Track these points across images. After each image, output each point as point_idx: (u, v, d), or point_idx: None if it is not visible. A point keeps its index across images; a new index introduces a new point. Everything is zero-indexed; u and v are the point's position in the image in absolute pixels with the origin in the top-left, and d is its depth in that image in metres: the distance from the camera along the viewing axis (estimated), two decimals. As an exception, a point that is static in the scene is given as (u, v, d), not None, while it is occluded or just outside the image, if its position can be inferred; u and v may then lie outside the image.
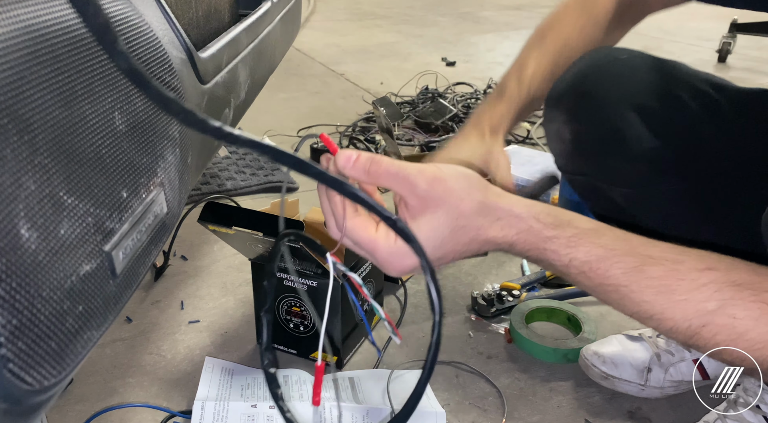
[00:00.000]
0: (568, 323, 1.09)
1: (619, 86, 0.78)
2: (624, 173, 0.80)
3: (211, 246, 1.34)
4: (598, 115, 0.79)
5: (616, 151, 0.78)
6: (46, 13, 0.37)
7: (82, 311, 0.38)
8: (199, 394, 0.87)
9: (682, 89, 0.79)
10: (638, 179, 0.79)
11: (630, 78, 0.79)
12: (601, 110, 0.79)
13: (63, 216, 0.36)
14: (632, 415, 0.90)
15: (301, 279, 0.95)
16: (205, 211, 0.91)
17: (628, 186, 0.81)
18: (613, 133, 0.78)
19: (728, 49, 3.09)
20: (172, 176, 0.53)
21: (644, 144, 0.77)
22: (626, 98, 0.78)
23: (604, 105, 0.78)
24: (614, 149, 0.79)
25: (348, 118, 2.13)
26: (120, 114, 0.43)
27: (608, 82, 0.79)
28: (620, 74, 0.79)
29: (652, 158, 0.77)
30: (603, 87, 0.79)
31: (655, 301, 0.49)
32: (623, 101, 0.78)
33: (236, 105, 0.85)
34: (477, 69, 2.90)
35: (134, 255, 0.46)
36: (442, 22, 4.23)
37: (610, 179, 0.82)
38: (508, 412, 0.90)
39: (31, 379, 0.33)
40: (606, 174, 0.82)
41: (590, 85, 0.79)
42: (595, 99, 0.79)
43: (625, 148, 0.78)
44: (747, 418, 0.78)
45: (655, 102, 0.78)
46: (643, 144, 0.77)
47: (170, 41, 0.57)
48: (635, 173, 0.79)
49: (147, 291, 1.18)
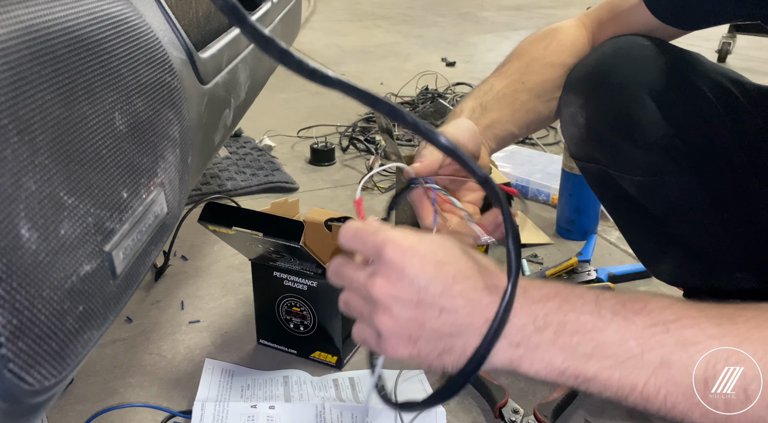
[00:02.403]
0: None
1: (637, 71, 0.77)
2: (637, 160, 0.78)
3: (211, 246, 1.34)
4: (614, 99, 0.77)
5: (630, 136, 0.77)
6: (46, 13, 0.37)
7: (82, 311, 0.38)
8: (199, 395, 0.87)
9: (701, 80, 0.78)
10: (651, 167, 0.78)
11: (650, 64, 0.77)
12: (617, 95, 0.77)
13: (63, 216, 0.36)
14: (632, 415, 0.90)
15: (301, 279, 0.95)
16: (205, 211, 0.91)
17: (640, 174, 0.79)
18: (628, 118, 0.76)
19: (728, 49, 3.09)
20: (172, 176, 0.53)
21: (659, 131, 0.75)
22: (644, 84, 0.76)
23: (621, 89, 0.76)
24: (628, 135, 0.77)
25: (348, 118, 2.13)
26: (120, 114, 0.43)
27: (627, 66, 0.77)
28: (640, 60, 0.78)
29: (666, 146, 0.76)
30: (621, 72, 0.77)
31: None
32: (641, 87, 0.76)
33: (236, 105, 0.85)
34: (477, 69, 2.91)
35: (134, 255, 0.46)
36: (442, 22, 4.23)
37: (623, 166, 0.81)
38: (508, 412, 0.90)
39: (32, 379, 0.33)
40: (618, 161, 0.81)
41: (609, 69, 0.78)
42: (612, 83, 0.77)
43: (639, 134, 0.76)
44: (747, 418, 0.78)
45: (673, 90, 0.76)
46: (657, 131, 0.75)
47: (170, 41, 0.57)
48: (648, 161, 0.78)
49: (147, 291, 1.18)
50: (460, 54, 3.18)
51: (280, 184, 1.65)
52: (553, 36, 0.84)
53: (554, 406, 0.87)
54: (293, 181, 1.68)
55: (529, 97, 0.79)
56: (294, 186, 1.66)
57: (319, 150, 1.83)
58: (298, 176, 1.73)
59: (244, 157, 1.81)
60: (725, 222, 0.79)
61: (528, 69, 0.80)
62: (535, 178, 1.61)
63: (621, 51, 0.79)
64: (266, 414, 0.83)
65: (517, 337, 0.44)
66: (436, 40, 3.62)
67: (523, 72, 0.80)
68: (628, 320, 0.43)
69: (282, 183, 1.66)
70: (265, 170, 1.72)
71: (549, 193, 1.57)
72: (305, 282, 0.95)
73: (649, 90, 0.76)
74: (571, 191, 1.36)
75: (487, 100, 0.77)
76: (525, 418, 0.87)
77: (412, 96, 2.28)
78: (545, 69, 0.81)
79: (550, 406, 0.87)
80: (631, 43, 0.79)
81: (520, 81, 0.79)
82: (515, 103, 0.78)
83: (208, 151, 0.76)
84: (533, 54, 0.82)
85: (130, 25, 0.48)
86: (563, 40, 0.83)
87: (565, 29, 0.85)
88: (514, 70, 0.80)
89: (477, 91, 0.80)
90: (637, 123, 0.76)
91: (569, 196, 1.37)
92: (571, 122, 0.82)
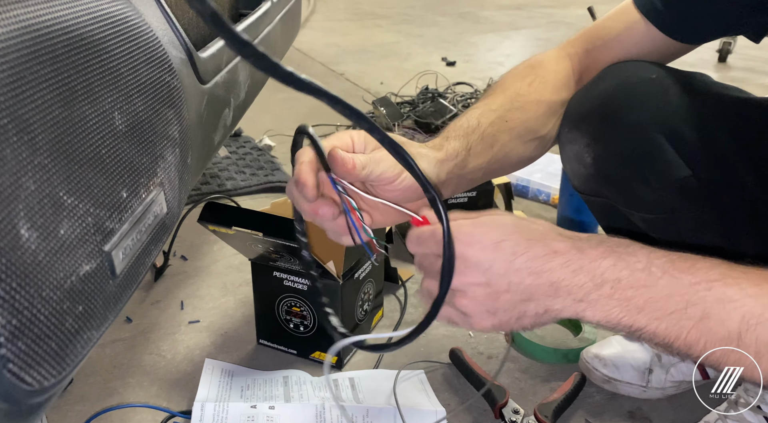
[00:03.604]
0: (568, 323, 1.09)
1: (649, 109, 0.75)
2: (650, 200, 0.77)
3: (211, 246, 1.34)
4: (627, 140, 0.75)
5: (644, 178, 0.75)
6: (46, 13, 0.37)
7: (81, 311, 0.38)
8: (198, 395, 0.87)
9: (711, 110, 0.76)
10: (663, 205, 0.77)
11: (660, 100, 0.75)
12: (630, 135, 0.75)
13: (63, 216, 0.36)
14: (632, 415, 0.90)
15: (301, 279, 0.95)
16: (205, 211, 0.91)
17: (652, 212, 0.78)
18: (642, 159, 0.75)
19: (728, 49, 3.09)
20: (172, 176, 0.53)
21: (676, 173, 0.74)
22: (658, 123, 0.74)
23: (633, 130, 0.75)
24: (642, 176, 0.75)
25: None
26: (119, 114, 0.43)
27: (637, 104, 0.75)
28: (650, 96, 0.75)
29: (682, 187, 0.75)
30: (632, 109, 0.75)
31: None
32: (653, 126, 0.74)
33: (236, 105, 0.85)
34: (477, 69, 2.91)
35: (134, 255, 0.46)
36: (442, 22, 4.23)
37: (632, 204, 0.79)
38: (509, 412, 0.90)
39: (31, 380, 0.33)
40: (629, 199, 0.79)
41: (617, 106, 0.75)
42: (622, 122, 0.75)
43: (654, 177, 0.75)
44: (747, 418, 0.78)
45: (687, 128, 0.75)
46: (674, 173, 0.74)
47: (170, 41, 0.57)
48: (660, 199, 0.76)
49: (147, 291, 1.18)
50: (461, 53, 3.18)
51: (280, 184, 1.65)
52: (535, 73, 0.80)
53: (554, 406, 0.87)
54: (293, 181, 1.67)
55: (509, 138, 0.75)
56: (294, 186, 1.66)
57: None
58: (298, 176, 1.72)
59: (244, 157, 1.81)
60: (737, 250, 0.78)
61: (512, 105, 0.77)
62: (536, 178, 1.61)
63: (628, 86, 0.76)
64: (266, 414, 0.83)
65: (579, 294, 0.50)
66: (436, 39, 3.62)
67: (507, 108, 0.76)
68: (675, 278, 0.49)
69: (282, 183, 1.66)
70: (264, 170, 1.72)
71: (549, 193, 1.57)
72: (305, 282, 0.95)
73: (662, 130, 0.74)
74: (572, 191, 1.35)
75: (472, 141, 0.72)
76: (525, 418, 0.87)
77: (412, 95, 2.27)
78: (529, 106, 0.78)
79: (551, 406, 0.87)
80: (637, 76, 0.77)
81: (504, 119, 0.75)
82: (495, 146, 0.74)
83: (208, 151, 0.76)
84: (517, 90, 0.78)
85: (130, 24, 0.48)
86: (546, 76, 0.80)
87: (547, 64, 0.82)
88: (498, 105, 0.76)
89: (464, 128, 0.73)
90: (652, 166, 0.74)
91: (570, 196, 1.37)
92: (576, 160, 0.80)
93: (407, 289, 1.19)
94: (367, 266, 1.01)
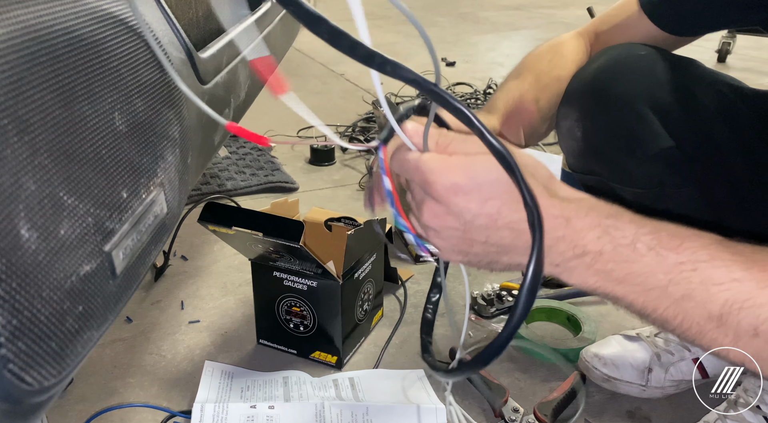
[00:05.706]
0: (568, 323, 1.09)
1: (635, 84, 0.77)
2: (637, 173, 0.78)
3: (211, 246, 1.34)
4: (613, 112, 0.77)
5: (631, 150, 0.77)
6: (47, 14, 0.37)
7: (82, 311, 0.38)
8: (198, 397, 0.87)
9: (699, 89, 0.78)
10: (651, 179, 0.78)
11: (648, 75, 0.77)
12: (616, 108, 0.77)
13: (63, 216, 0.36)
14: (632, 414, 0.90)
15: (301, 279, 0.95)
16: (205, 211, 0.91)
17: (641, 186, 0.80)
18: (628, 131, 0.77)
19: (728, 49, 3.09)
20: (172, 176, 0.53)
21: (660, 144, 0.76)
22: (643, 96, 0.76)
23: (620, 102, 0.77)
24: (628, 148, 0.77)
25: (348, 118, 2.13)
26: (120, 114, 0.43)
27: (625, 78, 0.77)
28: (638, 71, 0.78)
29: (666, 159, 0.76)
30: (620, 84, 0.77)
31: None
32: (639, 100, 0.76)
33: (236, 105, 0.85)
34: (477, 69, 2.91)
35: (134, 255, 0.46)
36: (442, 22, 4.23)
37: (623, 179, 0.81)
38: (508, 412, 0.90)
39: (31, 380, 0.33)
40: (618, 174, 0.81)
41: (607, 81, 0.78)
42: (611, 96, 0.77)
43: (639, 148, 0.77)
44: (747, 418, 0.78)
45: (673, 101, 0.76)
46: (658, 144, 0.76)
47: (170, 41, 0.57)
48: (648, 173, 0.78)
49: (147, 291, 1.18)
50: (460, 54, 3.18)
51: (279, 184, 1.65)
52: (555, 50, 0.84)
53: (554, 405, 0.87)
54: (293, 181, 1.68)
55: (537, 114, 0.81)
56: (294, 186, 1.66)
57: (319, 150, 1.83)
58: (298, 176, 1.73)
59: (244, 157, 1.81)
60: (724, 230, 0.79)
61: (539, 84, 0.81)
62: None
63: (618, 62, 0.79)
64: (266, 414, 0.83)
65: (557, 260, 0.49)
66: (436, 40, 3.61)
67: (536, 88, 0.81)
68: (660, 255, 0.47)
69: (282, 183, 1.66)
70: (264, 170, 1.72)
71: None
72: (305, 282, 0.95)
73: (647, 103, 0.76)
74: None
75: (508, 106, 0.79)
76: (525, 417, 0.87)
77: (412, 96, 2.27)
78: (552, 82, 0.81)
79: (550, 405, 0.87)
80: (627, 53, 0.79)
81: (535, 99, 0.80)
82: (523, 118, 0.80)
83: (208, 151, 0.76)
84: (540, 67, 0.82)
85: (130, 24, 0.48)
86: (565, 52, 0.84)
87: (566, 42, 0.86)
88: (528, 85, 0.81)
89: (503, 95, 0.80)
90: (637, 137, 0.76)
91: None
92: (569, 135, 0.83)
93: (407, 289, 1.19)
94: (367, 266, 1.01)
